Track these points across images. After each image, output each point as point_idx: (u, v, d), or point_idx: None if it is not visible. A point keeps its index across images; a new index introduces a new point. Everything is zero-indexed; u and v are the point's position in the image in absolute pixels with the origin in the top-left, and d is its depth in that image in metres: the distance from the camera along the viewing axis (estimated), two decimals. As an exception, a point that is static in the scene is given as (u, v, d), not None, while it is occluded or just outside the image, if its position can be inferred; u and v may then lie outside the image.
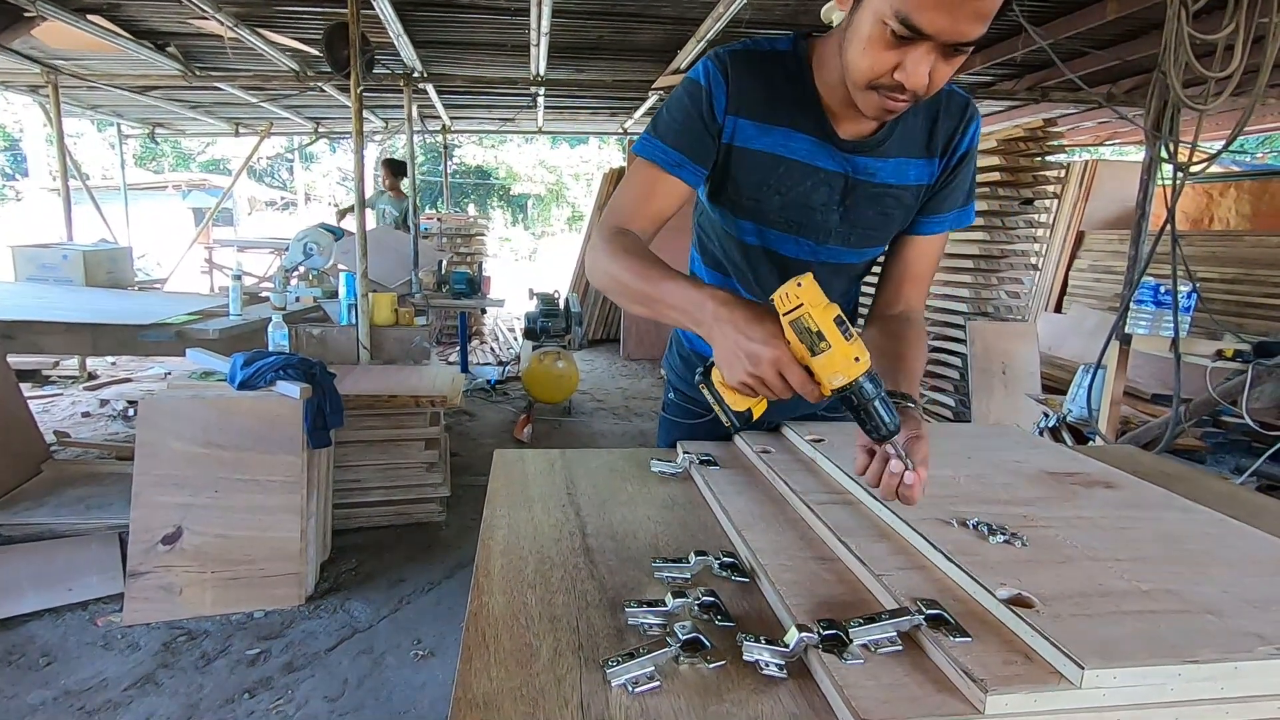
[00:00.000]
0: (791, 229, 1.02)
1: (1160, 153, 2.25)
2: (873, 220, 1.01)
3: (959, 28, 0.74)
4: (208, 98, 6.17)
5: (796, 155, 0.96)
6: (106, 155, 16.72)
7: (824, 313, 0.70)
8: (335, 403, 2.49)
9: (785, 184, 0.97)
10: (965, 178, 1.02)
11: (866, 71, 0.81)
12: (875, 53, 0.79)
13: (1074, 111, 6.19)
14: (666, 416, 1.31)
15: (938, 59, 0.78)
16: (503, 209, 22.30)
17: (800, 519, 0.93)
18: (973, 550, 0.77)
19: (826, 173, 0.97)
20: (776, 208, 0.99)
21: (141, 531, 2.20)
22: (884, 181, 0.98)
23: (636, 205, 0.97)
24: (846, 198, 0.99)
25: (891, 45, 0.78)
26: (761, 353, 0.73)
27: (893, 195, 0.99)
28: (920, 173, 1.00)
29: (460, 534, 2.86)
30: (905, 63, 0.78)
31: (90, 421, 4.14)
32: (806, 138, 0.96)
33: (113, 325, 3.11)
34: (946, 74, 0.80)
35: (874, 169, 0.97)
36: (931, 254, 1.07)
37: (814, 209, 0.99)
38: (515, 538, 0.88)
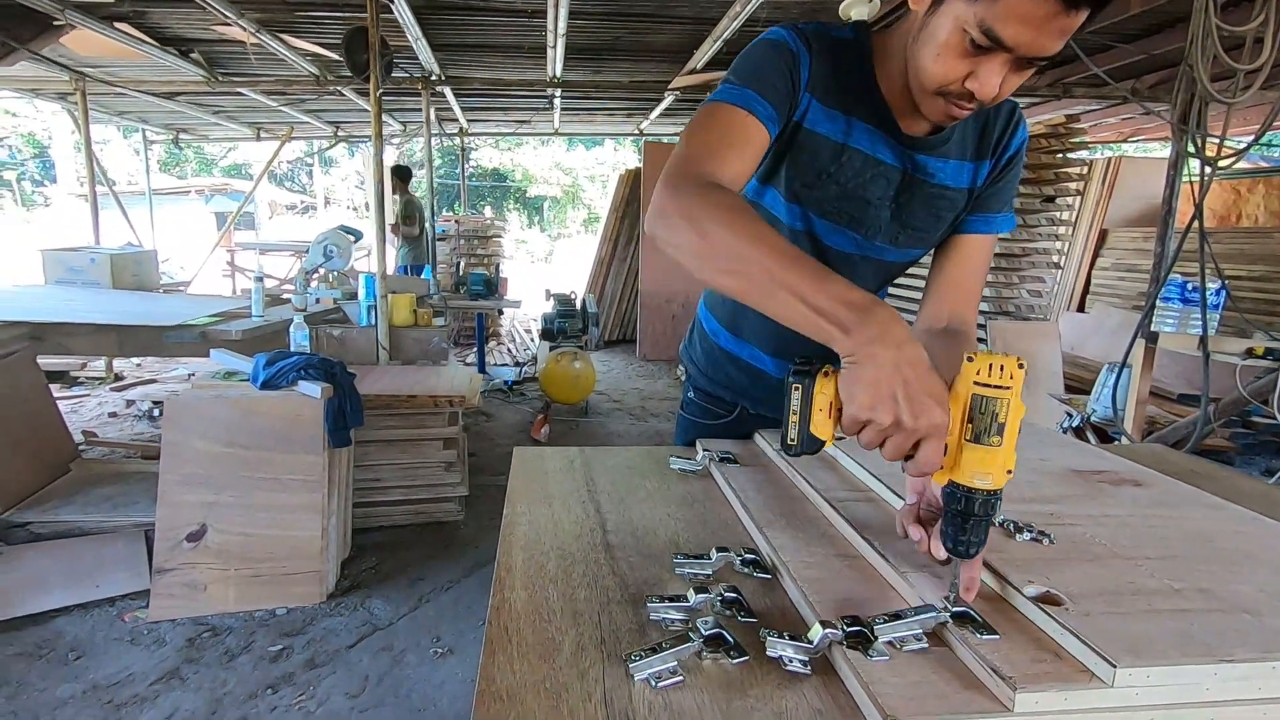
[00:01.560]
0: (843, 220, 0.99)
1: (1187, 147, 2.21)
2: (923, 220, 1.00)
3: (1041, 42, 0.72)
4: (230, 103, 6.26)
5: (859, 145, 0.93)
6: (131, 161, 17.04)
7: (1019, 410, 0.59)
8: (355, 402, 2.52)
9: (845, 174, 0.95)
10: (1013, 179, 1.02)
11: (938, 77, 0.79)
12: (950, 59, 0.77)
13: (1097, 107, 6.10)
14: (685, 416, 1.30)
15: (1010, 71, 0.76)
16: (518, 211, 22.41)
17: (821, 516, 0.92)
18: (999, 548, 0.76)
19: (886, 166, 0.95)
20: (832, 197, 0.96)
21: (167, 529, 2.23)
22: (941, 182, 0.97)
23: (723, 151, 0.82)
24: (901, 194, 0.97)
25: (968, 54, 0.76)
26: (929, 409, 0.60)
27: (947, 197, 0.98)
28: (970, 175, 0.99)
29: (478, 533, 2.87)
30: (979, 72, 0.76)
31: (117, 421, 4.22)
32: (869, 128, 0.93)
33: (139, 327, 3.17)
34: (1015, 85, 0.79)
35: (933, 169, 0.96)
36: (980, 256, 1.02)
37: (870, 202, 0.97)
38: (536, 534, 0.88)
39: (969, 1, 0.73)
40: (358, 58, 3.57)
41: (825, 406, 0.65)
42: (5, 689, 1.86)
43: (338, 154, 20.61)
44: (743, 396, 1.21)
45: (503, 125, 8.37)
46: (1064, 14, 0.68)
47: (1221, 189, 7.32)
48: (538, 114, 7.07)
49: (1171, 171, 2.40)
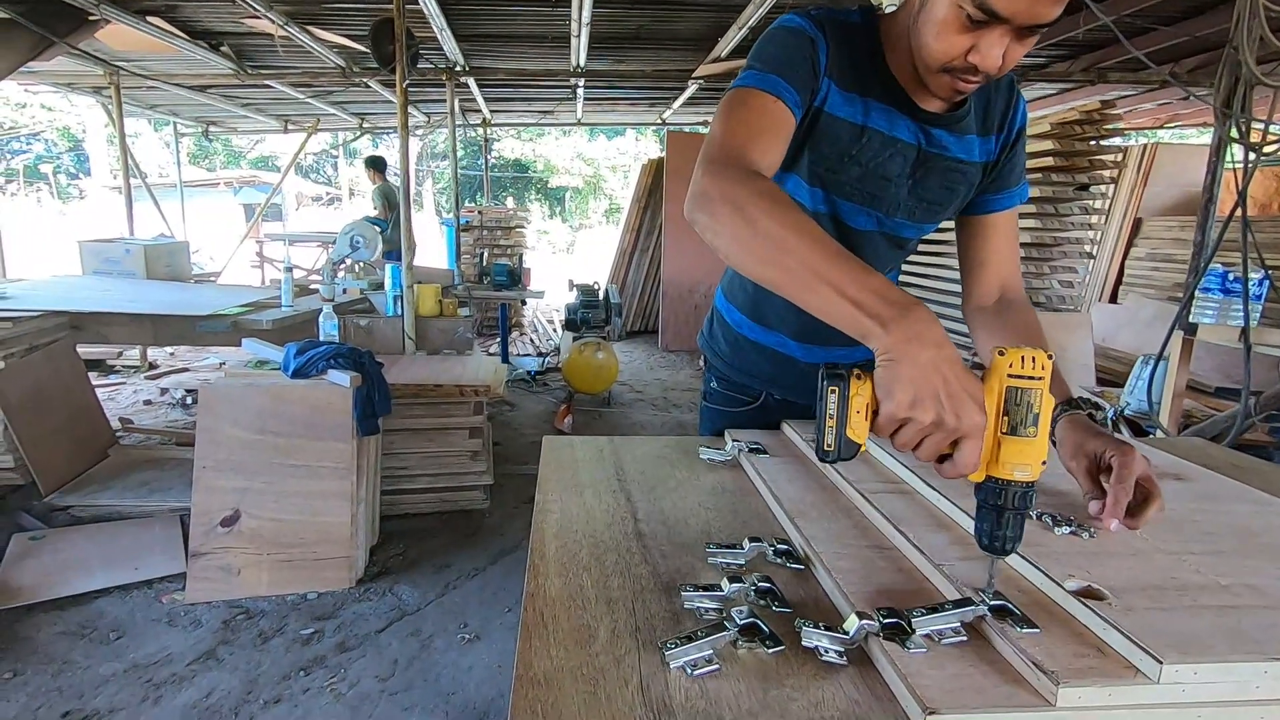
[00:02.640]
0: (865, 200, 1.00)
1: (1230, 133, 2.14)
2: (938, 194, 1.02)
3: (1036, 9, 0.73)
4: (258, 95, 6.35)
5: (878, 126, 0.95)
6: (162, 154, 17.37)
7: (1050, 401, 0.60)
8: (383, 391, 2.55)
9: (866, 154, 0.96)
10: (1023, 151, 1.05)
11: (941, 54, 0.81)
12: (950, 36, 0.79)
13: (1132, 93, 5.94)
14: (709, 405, 1.29)
15: (1012, 41, 0.78)
16: (540, 202, 22.45)
17: (854, 507, 0.92)
18: (1038, 541, 0.75)
19: (904, 144, 0.97)
20: (855, 179, 0.98)
21: (202, 514, 2.29)
22: (956, 156, 1.00)
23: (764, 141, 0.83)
24: (917, 170, 0.99)
25: (966, 29, 0.78)
26: (970, 409, 0.59)
27: (961, 171, 1.01)
28: (983, 150, 1.02)
29: (503, 521, 2.90)
30: (980, 45, 0.78)
31: (151, 409, 4.32)
32: (886, 108, 0.95)
33: (173, 316, 3.24)
34: (1020, 55, 0.80)
35: (948, 143, 0.98)
36: (1011, 229, 1.07)
37: (889, 180, 0.98)
38: (568, 522, 0.89)
39: None
40: (384, 49, 3.59)
41: (862, 409, 0.64)
42: (51, 666, 1.92)
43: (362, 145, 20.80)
44: (771, 384, 1.21)
45: (526, 116, 8.38)
46: None
47: (1263, 176, 7.08)
48: (560, 104, 7.06)
49: (1213, 158, 2.33)
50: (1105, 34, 4.20)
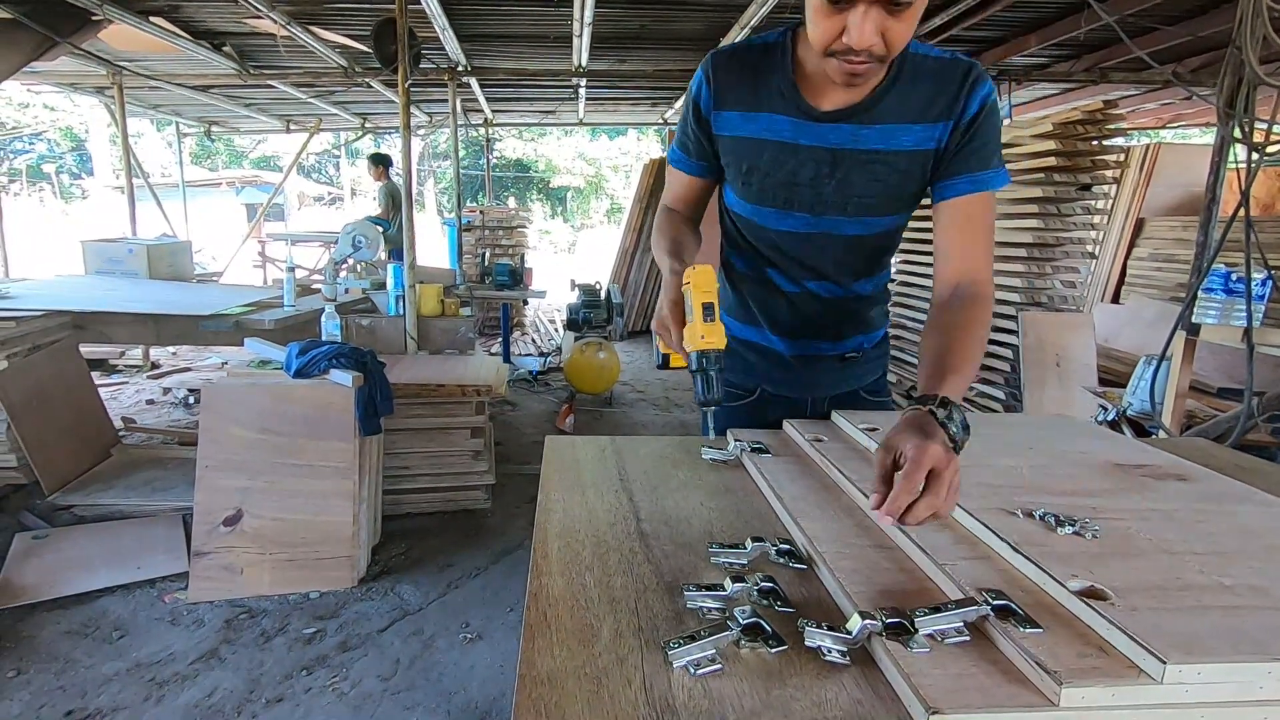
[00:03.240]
0: (784, 205, 1.08)
1: (1234, 133, 2.14)
2: (866, 187, 1.04)
3: None
4: (261, 95, 6.36)
5: (779, 136, 1.03)
6: (164, 153, 17.40)
7: (699, 296, 0.91)
8: (385, 391, 2.55)
9: (771, 165, 1.05)
10: (984, 140, 1.01)
11: (819, 40, 0.87)
12: (820, 21, 0.86)
13: (1135, 93, 5.93)
14: None
15: (884, 17, 0.82)
16: (541, 201, 22.46)
17: (856, 507, 0.92)
18: (1040, 541, 0.75)
19: (809, 149, 1.03)
20: (768, 186, 1.07)
21: (204, 513, 2.29)
22: (871, 147, 1.02)
23: (668, 191, 1.20)
24: (837, 169, 1.03)
25: (832, 12, 0.84)
26: (663, 305, 0.95)
27: (882, 161, 1.02)
28: (918, 138, 1.01)
29: (505, 521, 2.90)
30: (848, 25, 0.83)
31: (154, 408, 4.33)
32: (787, 119, 1.02)
33: (176, 316, 3.24)
34: (902, 31, 0.84)
35: (860, 135, 1.01)
36: (969, 218, 1.02)
37: (801, 185, 1.05)
38: (570, 521, 0.89)
39: None
40: (386, 49, 3.59)
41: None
42: (54, 665, 1.93)
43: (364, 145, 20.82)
44: (763, 379, 1.26)
45: (528, 116, 8.38)
46: None
47: (1265, 176, 7.07)
48: (562, 104, 7.06)
49: (1216, 158, 2.33)
50: (1108, 34, 4.19)
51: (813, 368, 1.22)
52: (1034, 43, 4.54)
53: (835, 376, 1.23)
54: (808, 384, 1.23)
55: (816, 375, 1.22)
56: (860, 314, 1.20)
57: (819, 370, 1.22)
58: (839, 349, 1.21)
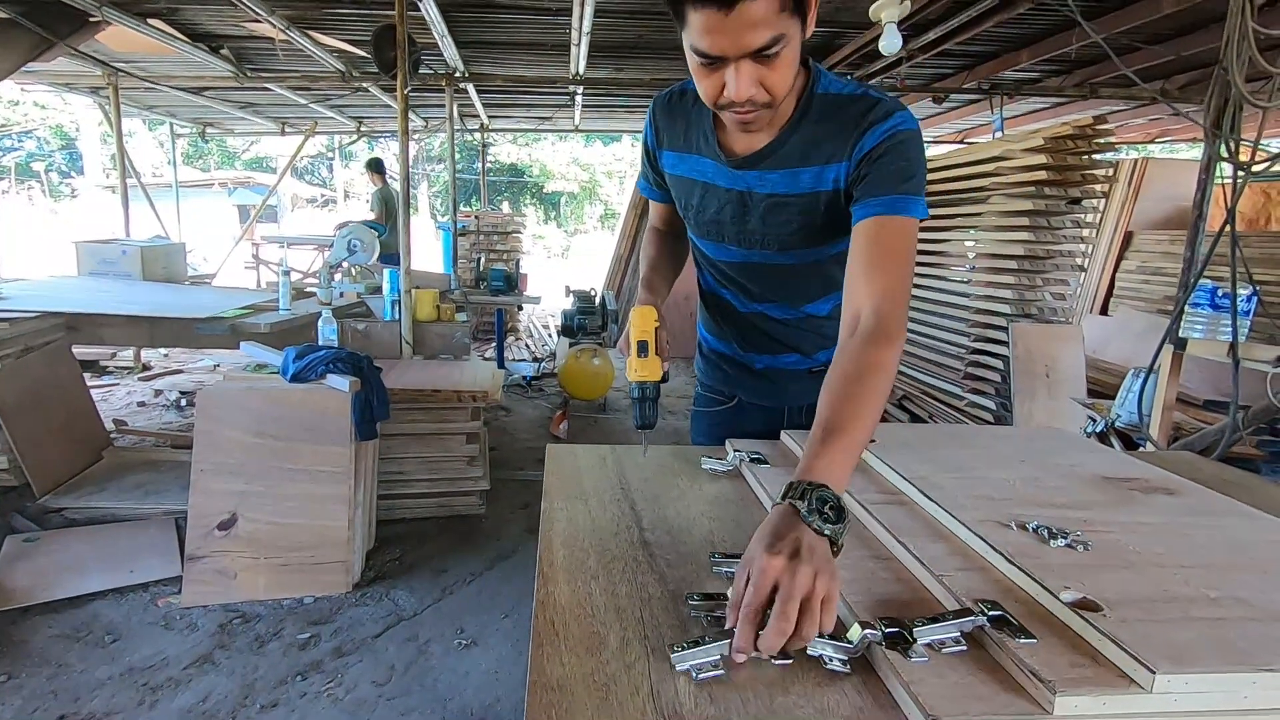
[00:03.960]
0: (717, 238, 1.15)
1: (1220, 152, 2.19)
2: (777, 226, 1.08)
3: (741, 42, 0.82)
4: (257, 97, 6.35)
5: (705, 177, 1.10)
6: (155, 153, 17.31)
7: (636, 334, 1.06)
8: (382, 396, 2.56)
9: (701, 202, 1.12)
10: (885, 169, 0.95)
11: (707, 96, 0.92)
12: (703, 80, 0.90)
13: (1124, 108, 6.02)
14: (696, 409, 1.42)
15: (757, 68, 0.86)
16: (535, 206, 22.48)
17: (854, 518, 0.94)
18: (1034, 553, 0.77)
19: (725, 191, 1.09)
20: (703, 221, 1.14)
21: (199, 517, 2.29)
22: (772, 191, 1.05)
23: (652, 213, 1.32)
24: (750, 209, 1.08)
25: (709, 71, 0.88)
26: (623, 337, 1.10)
27: (785, 203, 1.05)
28: (815, 179, 1.02)
29: (499, 527, 2.91)
30: (726, 82, 0.88)
31: (145, 411, 4.31)
32: (710, 162, 1.09)
33: (171, 319, 3.23)
34: (778, 77, 0.88)
35: (763, 181, 1.05)
36: (872, 240, 0.95)
37: (727, 221, 1.11)
38: (574, 530, 0.90)
39: (683, 34, 0.86)
40: (385, 55, 3.61)
41: None
42: (46, 669, 1.92)
43: (359, 149, 20.79)
44: (737, 387, 1.33)
45: (524, 122, 8.41)
46: (729, 13, 0.79)
47: (1251, 191, 7.18)
48: (559, 111, 7.09)
49: (1203, 175, 2.38)
50: (1098, 50, 4.26)
51: (783, 379, 1.26)
52: (1025, 58, 4.60)
53: (807, 386, 1.23)
54: (780, 394, 1.27)
55: (787, 386, 1.26)
56: (821, 331, 1.21)
57: (790, 381, 1.26)
58: (806, 363, 1.25)
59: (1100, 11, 3.70)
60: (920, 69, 5.13)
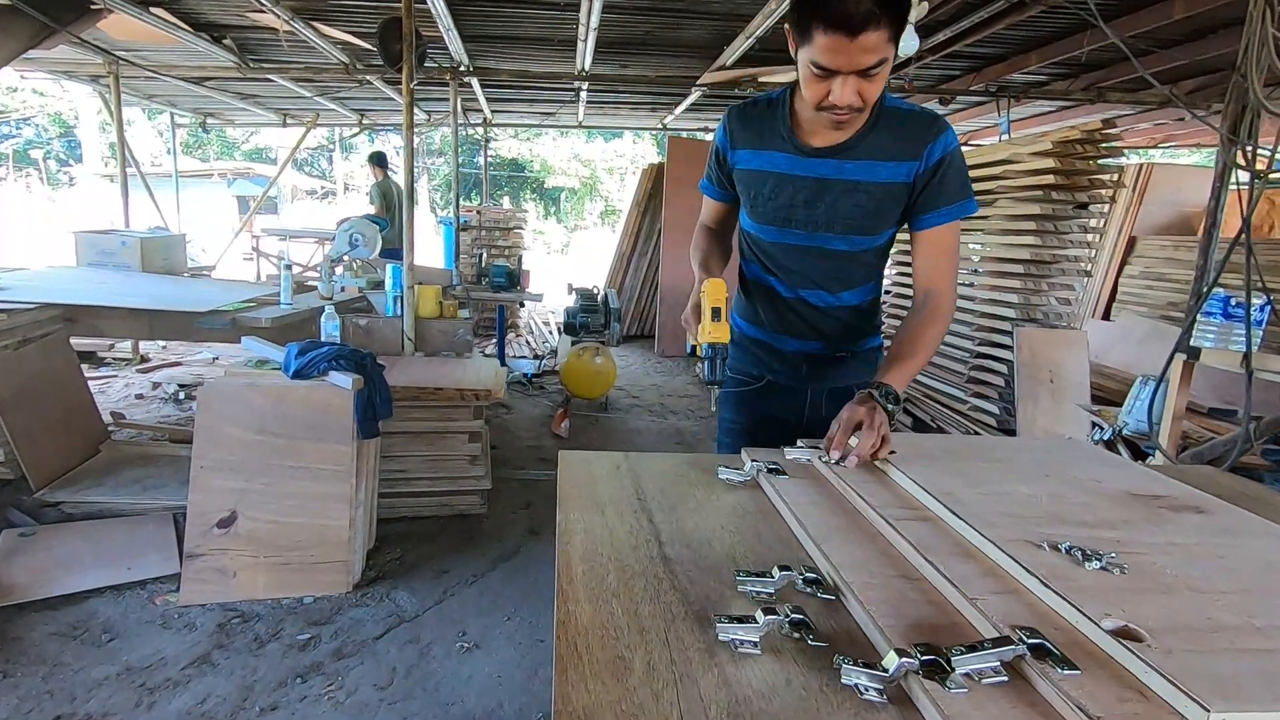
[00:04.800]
0: (785, 223, 1.31)
1: (1236, 159, 2.17)
2: (850, 211, 1.27)
3: (854, 61, 1.05)
4: (258, 89, 6.30)
5: (779, 169, 1.28)
6: (154, 142, 17.21)
7: (709, 302, 1.21)
8: (385, 394, 2.53)
9: (773, 191, 1.30)
10: (950, 179, 1.24)
11: (811, 99, 1.13)
12: (812, 87, 1.11)
13: (1129, 112, 5.99)
14: (725, 390, 1.53)
15: (858, 81, 1.08)
16: (535, 202, 22.40)
17: (878, 534, 0.91)
18: (1068, 576, 0.75)
19: (801, 179, 1.27)
20: (771, 209, 1.31)
21: (198, 514, 2.26)
22: (853, 178, 1.25)
23: (704, 213, 1.49)
24: (825, 194, 1.26)
25: (819, 80, 1.09)
26: (687, 310, 1.26)
27: (862, 190, 1.25)
28: (892, 173, 1.24)
29: (501, 526, 2.88)
30: (833, 89, 1.09)
31: (143, 403, 4.27)
32: (784, 155, 1.28)
33: (171, 312, 3.20)
34: (873, 89, 1.10)
35: (845, 169, 1.25)
36: (940, 245, 1.28)
37: (798, 206, 1.28)
38: (593, 544, 0.88)
39: (803, 47, 1.08)
40: (391, 48, 3.57)
41: None
42: (41, 668, 1.89)
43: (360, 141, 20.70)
44: (768, 370, 1.48)
45: (527, 117, 8.36)
46: (853, 40, 1.02)
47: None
48: (563, 107, 7.05)
49: (1218, 183, 2.35)
50: (1105, 54, 4.24)
51: (811, 363, 1.43)
52: (1034, 61, 4.58)
53: (832, 371, 1.43)
54: (807, 376, 1.44)
55: (814, 369, 1.43)
56: (849, 321, 1.40)
57: (817, 365, 1.43)
58: (832, 349, 1.42)
59: (1111, 15, 3.67)
60: (928, 70, 5.10)
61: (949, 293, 1.29)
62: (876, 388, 1.14)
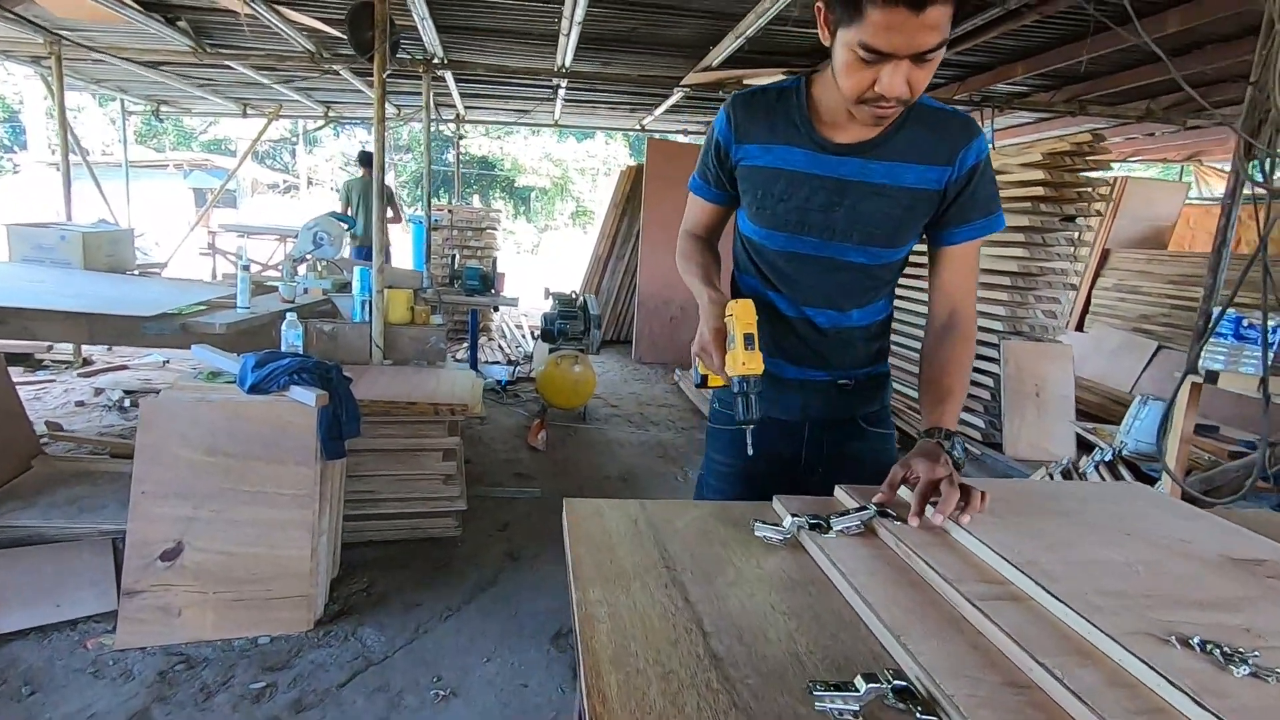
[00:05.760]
0: (796, 229, 1.15)
1: (1255, 175, 2.09)
2: (873, 218, 1.12)
3: (914, 41, 0.89)
4: (217, 76, 5.96)
5: (794, 166, 1.12)
6: (107, 130, 16.45)
7: (741, 327, 1.03)
8: (352, 410, 2.32)
9: (786, 192, 1.13)
10: (982, 190, 1.13)
11: (851, 90, 0.97)
12: (854, 74, 0.95)
13: (1105, 125, 6.04)
14: (712, 425, 1.37)
15: (910, 67, 0.92)
16: (505, 200, 22.06)
17: (961, 617, 0.77)
18: (1220, 689, 0.61)
19: (821, 179, 1.11)
20: (781, 212, 1.15)
21: (139, 545, 2.02)
22: (878, 181, 1.10)
23: (691, 218, 1.30)
24: (846, 197, 1.11)
25: (865, 66, 0.93)
26: (704, 335, 1.08)
27: (888, 194, 1.11)
28: (920, 178, 1.10)
29: (477, 551, 2.69)
30: (880, 78, 0.93)
31: (84, 411, 3.95)
32: (802, 151, 1.12)
33: (113, 315, 2.92)
34: (924, 78, 0.95)
35: (869, 170, 1.10)
36: (967, 261, 1.18)
37: (813, 210, 1.13)
38: (623, 638, 0.71)
39: (847, 28, 0.92)
40: (362, 35, 3.34)
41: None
42: (-52, 728, 1.65)
43: (323, 133, 20.12)
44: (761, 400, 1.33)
45: (502, 114, 8.13)
46: (918, 15, 0.86)
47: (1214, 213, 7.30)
48: (540, 104, 6.84)
49: (1229, 200, 2.29)
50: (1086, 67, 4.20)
51: (809, 391, 1.27)
52: (1020, 71, 4.54)
53: (832, 402, 1.27)
54: (804, 406, 1.28)
55: (812, 399, 1.27)
56: (855, 345, 1.26)
57: (814, 393, 1.27)
58: (835, 376, 1.27)
59: (1104, 28, 3.62)
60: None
61: (974, 313, 1.19)
62: (944, 435, 1.03)
